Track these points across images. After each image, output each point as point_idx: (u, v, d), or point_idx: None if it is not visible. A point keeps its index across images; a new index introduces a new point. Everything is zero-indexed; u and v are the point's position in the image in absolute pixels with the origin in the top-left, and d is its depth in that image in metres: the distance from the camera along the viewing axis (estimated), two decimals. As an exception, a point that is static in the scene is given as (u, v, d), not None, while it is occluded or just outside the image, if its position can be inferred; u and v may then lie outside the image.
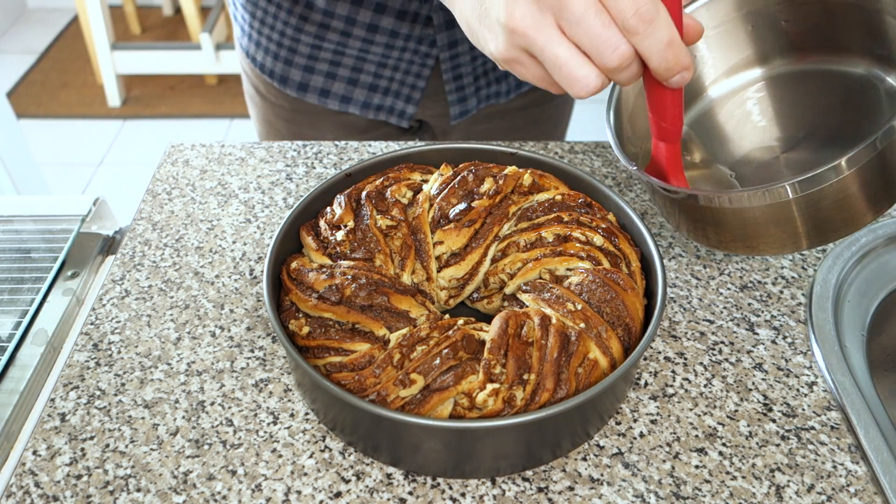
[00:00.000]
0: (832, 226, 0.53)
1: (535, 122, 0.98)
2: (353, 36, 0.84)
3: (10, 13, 3.18)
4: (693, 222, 0.57)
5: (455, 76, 0.88)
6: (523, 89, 0.94)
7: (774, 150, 0.63)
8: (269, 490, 0.51)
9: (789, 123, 0.64)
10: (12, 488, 0.51)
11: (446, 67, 0.87)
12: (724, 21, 0.63)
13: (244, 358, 0.60)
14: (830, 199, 0.51)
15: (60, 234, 0.72)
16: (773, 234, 0.54)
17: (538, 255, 0.57)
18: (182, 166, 0.80)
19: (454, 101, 0.90)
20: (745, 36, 0.65)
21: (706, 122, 0.67)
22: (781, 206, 0.51)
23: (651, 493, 0.51)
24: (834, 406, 0.56)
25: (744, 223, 0.54)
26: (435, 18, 0.82)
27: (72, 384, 0.58)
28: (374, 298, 0.53)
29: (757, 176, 0.62)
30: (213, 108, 2.69)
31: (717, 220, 0.54)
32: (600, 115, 2.58)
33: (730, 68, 0.66)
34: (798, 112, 0.65)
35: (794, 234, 0.54)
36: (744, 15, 0.63)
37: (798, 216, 0.52)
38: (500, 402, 0.48)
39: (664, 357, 0.60)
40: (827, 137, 0.62)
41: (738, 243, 0.56)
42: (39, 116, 2.66)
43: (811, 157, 0.61)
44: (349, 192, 0.61)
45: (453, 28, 0.83)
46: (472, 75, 0.89)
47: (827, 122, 0.62)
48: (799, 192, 0.50)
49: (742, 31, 0.64)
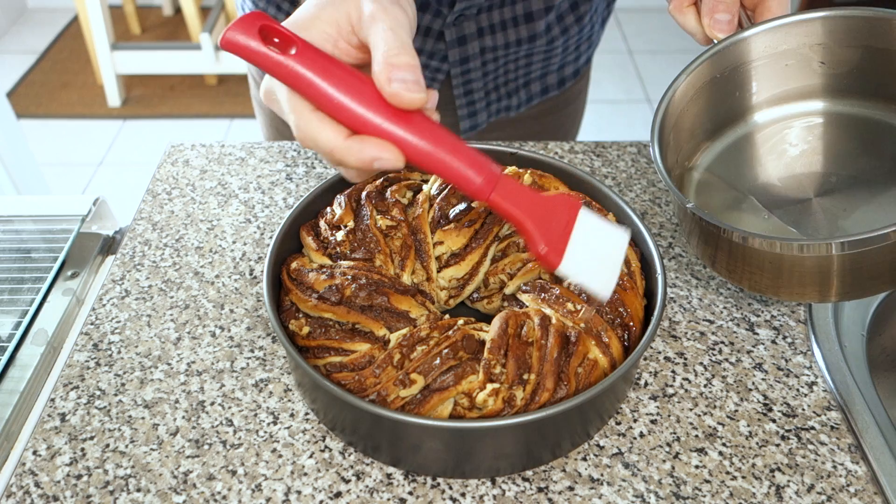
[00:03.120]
0: (870, 284, 0.52)
1: (545, 130, 0.98)
2: None
3: (10, 13, 3.18)
4: (729, 260, 0.55)
5: (466, 91, 0.87)
6: (534, 102, 0.94)
7: (807, 191, 0.61)
8: (269, 490, 0.51)
9: (828, 165, 0.62)
10: (12, 488, 0.51)
11: (457, 83, 0.86)
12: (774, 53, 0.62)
13: (244, 358, 0.60)
14: (875, 260, 0.50)
15: (60, 234, 0.72)
16: (808, 283, 0.53)
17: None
18: (182, 166, 0.80)
19: (465, 115, 0.90)
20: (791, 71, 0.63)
21: (744, 146, 0.65)
22: (825, 259, 0.50)
23: (651, 493, 0.51)
24: (834, 406, 0.56)
25: (780, 270, 0.53)
26: (447, 34, 0.81)
27: (72, 384, 0.58)
28: (374, 299, 0.53)
29: (792, 217, 0.60)
30: (213, 108, 2.69)
31: (755, 262, 0.53)
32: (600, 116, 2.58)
33: (783, 96, 0.64)
34: (840, 156, 0.63)
35: (827, 286, 0.53)
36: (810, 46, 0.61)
37: (837, 271, 0.51)
38: (500, 402, 0.48)
39: (664, 357, 0.60)
40: (863, 189, 0.60)
41: (774, 288, 0.55)
42: (39, 116, 2.66)
43: (846, 207, 0.59)
44: (349, 192, 0.61)
45: (465, 44, 0.83)
46: (483, 90, 0.88)
47: (866, 173, 0.61)
48: (847, 249, 0.49)
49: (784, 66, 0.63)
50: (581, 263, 0.46)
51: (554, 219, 0.47)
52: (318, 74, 0.43)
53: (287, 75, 0.43)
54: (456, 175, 0.45)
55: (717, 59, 0.60)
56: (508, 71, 0.87)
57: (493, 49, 0.84)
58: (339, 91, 0.43)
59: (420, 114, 0.44)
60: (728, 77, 0.62)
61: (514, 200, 0.46)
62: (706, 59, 0.60)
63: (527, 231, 0.46)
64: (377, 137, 0.43)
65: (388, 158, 0.43)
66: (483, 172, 0.45)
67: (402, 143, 0.43)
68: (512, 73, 0.88)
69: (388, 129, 0.43)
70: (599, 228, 0.47)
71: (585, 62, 0.95)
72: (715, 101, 0.63)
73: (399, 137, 0.43)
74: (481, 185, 0.45)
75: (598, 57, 1.11)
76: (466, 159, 0.44)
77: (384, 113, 0.43)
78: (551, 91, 0.93)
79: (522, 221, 0.46)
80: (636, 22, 3.11)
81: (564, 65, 0.91)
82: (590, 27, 0.89)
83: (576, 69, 0.94)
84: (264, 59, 0.43)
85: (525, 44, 0.84)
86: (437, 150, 0.44)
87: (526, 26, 0.82)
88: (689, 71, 0.60)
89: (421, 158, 0.44)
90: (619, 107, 2.64)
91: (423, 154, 0.44)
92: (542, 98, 0.94)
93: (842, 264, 0.50)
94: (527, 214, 0.46)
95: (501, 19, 0.81)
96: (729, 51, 0.60)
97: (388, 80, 0.42)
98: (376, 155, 0.43)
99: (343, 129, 0.44)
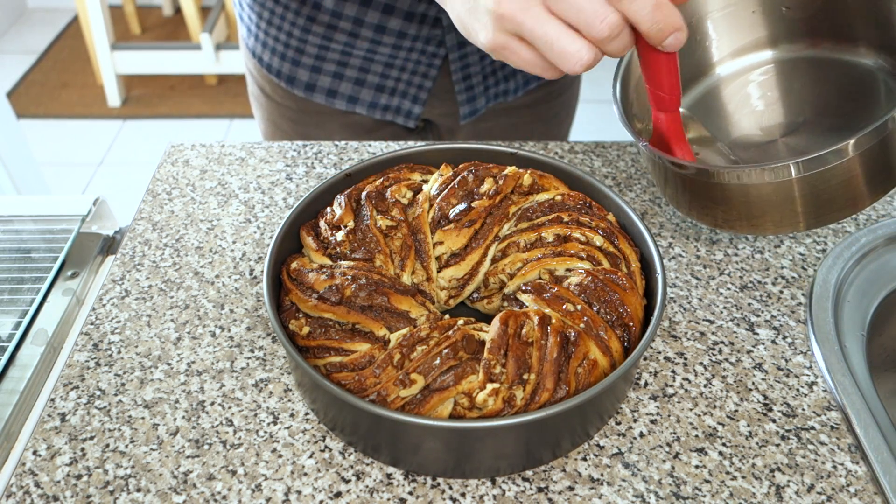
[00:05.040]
0: (831, 208, 0.55)
1: (540, 119, 0.99)
2: (361, 37, 0.84)
3: (10, 13, 3.18)
4: (696, 199, 0.57)
5: (464, 76, 0.88)
6: (531, 86, 0.94)
7: (773, 134, 0.64)
8: (269, 490, 0.51)
9: (791, 108, 0.65)
10: (12, 488, 0.51)
11: (455, 68, 0.87)
12: (734, 2, 0.64)
13: (244, 358, 0.60)
14: (833, 181, 0.52)
15: (60, 234, 0.72)
16: (775, 212, 0.55)
17: (538, 256, 0.57)
18: (182, 166, 0.80)
19: (464, 101, 0.90)
20: (757, 18, 0.66)
21: (709, 100, 0.68)
22: (785, 184, 0.52)
23: (651, 493, 0.51)
24: (834, 406, 0.56)
25: (748, 200, 0.55)
26: (444, 20, 0.82)
27: (72, 384, 0.58)
28: (374, 299, 0.53)
29: (756, 158, 0.63)
30: (213, 108, 2.69)
31: (722, 196, 0.55)
32: (601, 116, 2.59)
33: (739, 49, 0.67)
34: (800, 98, 0.66)
35: (794, 213, 0.55)
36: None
37: (799, 196, 0.53)
38: (500, 401, 0.48)
39: (664, 357, 0.60)
40: (826, 125, 0.63)
41: (743, 221, 0.57)
42: (39, 116, 2.66)
43: (809, 143, 0.62)
44: (349, 192, 0.61)
45: None
46: (481, 74, 0.89)
47: (828, 110, 0.64)
48: (803, 171, 0.51)
49: (751, 14, 0.65)
50: None
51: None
52: None
53: None
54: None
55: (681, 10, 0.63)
56: None
57: None
58: None
59: None
60: (694, 28, 0.65)
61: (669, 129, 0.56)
62: None
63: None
64: None
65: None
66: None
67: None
68: None
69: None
70: None
71: None
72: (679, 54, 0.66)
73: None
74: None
75: (598, 57, 1.12)
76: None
77: None
78: None
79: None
80: (636, 22, 3.11)
81: None
82: None
83: None
84: None
85: None
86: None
87: None
88: None
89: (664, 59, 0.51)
90: (619, 107, 2.63)
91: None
92: (538, 82, 0.94)
93: (801, 188, 0.53)
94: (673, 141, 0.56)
95: None
96: (685, 6, 0.63)
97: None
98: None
99: None
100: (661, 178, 0.61)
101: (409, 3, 0.80)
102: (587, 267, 0.56)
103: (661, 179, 0.61)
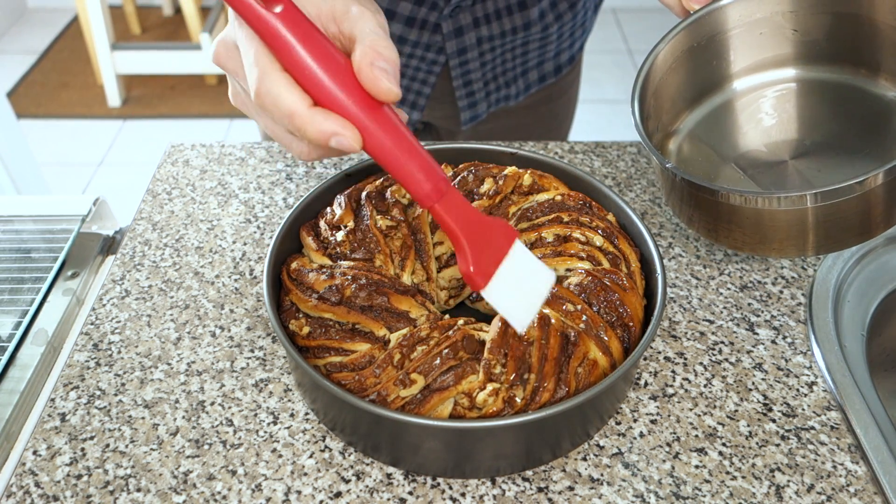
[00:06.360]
0: (842, 236, 0.54)
1: (540, 119, 0.99)
2: None
3: (10, 13, 3.18)
4: (704, 216, 0.57)
5: (465, 82, 0.88)
6: (532, 90, 0.94)
7: (781, 153, 0.63)
8: (269, 490, 0.51)
9: (801, 130, 0.65)
10: (12, 488, 0.51)
11: (456, 74, 0.86)
12: (745, 23, 0.64)
13: (244, 358, 0.60)
14: (850, 212, 0.52)
15: (60, 234, 0.72)
16: (784, 238, 0.54)
17: (538, 256, 0.57)
18: (182, 166, 0.80)
19: (465, 106, 0.90)
20: (765, 39, 0.65)
21: (722, 113, 0.67)
22: (800, 212, 0.52)
23: (651, 493, 0.51)
24: (834, 406, 0.56)
25: (759, 223, 0.54)
26: (444, 26, 0.81)
27: (72, 384, 0.58)
28: (374, 299, 0.53)
29: (768, 179, 0.62)
30: (213, 108, 2.69)
31: (731, 217, 0.55)
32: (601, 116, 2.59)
33: (755, 65, 0.67)
34: (812, 120, 0.65)
35: (803, 240, 0.54)
36: (782, 13, 0.64)
37: (812, 225, 0.53)
38: (500, 402, 0.48)
39: (664, 357, 0.60)
40: (837, 152, 0.62)
41: (749, 242, 0.56)
42: (39, 116, 2.66)
43: (821, 168, 0.61)
44: (349, 192, 0.61)
45: (462, 35, 0.83)
46: (482, 80, 0.89)
47: (839, 136, 0.63)
48: (821, 201, 0.51)
49: (759, 35, 0.65)
50: (505, 291, 0.47)
51: (490, 243, 0.47)
52: (299, 38, 0.42)
53: (266, 32, 0.42)
54: (407, 175, 0.44)
55: (695, 28, 0.62)
56: (506, 60, 0.88)
57: (490, 38, 0.84)
58: (316, 61, 0.42)
59: (388, 108, 0.44)
60: (706, 46, 0.64)
61: (455, 215, 0.46)
62: (684, 28, 0.61)
63: (461, 248, 0.46)
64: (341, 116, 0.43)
65: (348, 137, 0.42)
66: (433, 180, 0.45)
67: (364, 129, 0.43)
68: (509, 62, 0.89)
69: (354, 111, 0.43)
70: (530, 263, 0.48)
71: (580, 48, 0.97)
72: (694, 70, 0.65)
73: (363, 123, 0.43)
74: (429, 192, 0.45)
75: (598, 57, 1.12)
76: (421, 164, 0.44)
77: (355, 95, 0.43)
78: (548, 78, 0.94)
79: (458, 237, 0.46)
80: (636, 22, 3.11)
81: (560, 52, 0.92)
82: (583, 13, 0.90)
83: (571, 55, 0.95)
84: (248, 9, 0.42)
85: (520, 32, 0.84)
86: (395, 146, 0.44)
87: (520, 14, 0.83)
88: (668, 39, 0.61)
89: (378, 150, 0.44)
90: (618, 107, 2.63)
91: (381, 146, 0.43)
92: (539, 86, 0.94)
93: (816, 216, 0.52)
94: (464, 232, 0.46)
95: (496, 8, 0.82)
96: (705, 20, 0.62)
97: (370, 64, 0.42)
98: (338, 130, 0.42)
99: (308, 98, 0.43)
100: (666, 188, 0.60)
101: (409, 9, 0.80)
102: (587, 267, 0.56)
103: (666, 189, 0.61)
